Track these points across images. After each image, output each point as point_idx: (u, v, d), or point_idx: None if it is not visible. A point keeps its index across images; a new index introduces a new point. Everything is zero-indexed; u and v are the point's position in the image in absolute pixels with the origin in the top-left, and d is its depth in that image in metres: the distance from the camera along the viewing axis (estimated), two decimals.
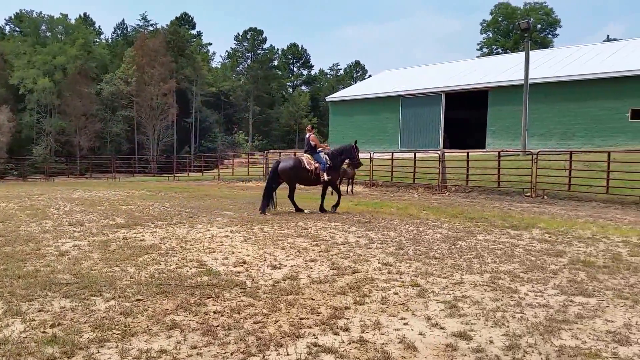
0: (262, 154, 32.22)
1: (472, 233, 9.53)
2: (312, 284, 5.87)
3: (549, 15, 68.89)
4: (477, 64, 38.92)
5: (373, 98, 36.82)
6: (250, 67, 77.73)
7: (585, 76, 27.37)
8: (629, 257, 7.42)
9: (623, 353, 3.89)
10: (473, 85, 31.69)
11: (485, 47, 71.97)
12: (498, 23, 70.48)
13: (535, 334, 4.28)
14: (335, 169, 13.21)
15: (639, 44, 31.15)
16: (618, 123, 26.03)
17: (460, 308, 4.99)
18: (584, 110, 27.13)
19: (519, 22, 23.98)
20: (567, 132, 27.64)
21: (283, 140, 76.34)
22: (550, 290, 5.65)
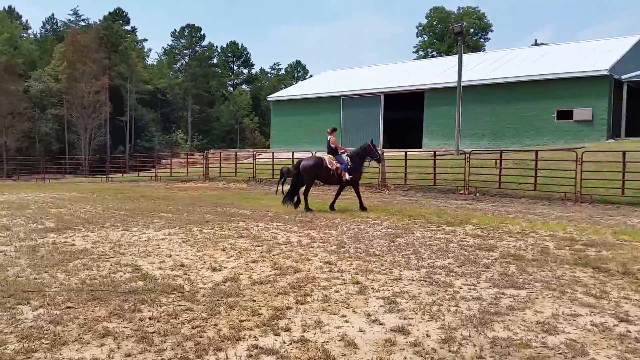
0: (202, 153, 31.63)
1: (410, 230, 9.78)
2: (254, 285, 5.83)
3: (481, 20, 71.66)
4: (414, 66, 39.95)
5: (315, 98, 37.01)
6: (188, 65, 76.16)
7: (514, 79, 28.67)
8: (556, 250, 7.85)
9: (551, 342, 4.11)
10: (410, 87, 32.49)
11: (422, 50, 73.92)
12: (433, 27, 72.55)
13: (469, 327, 4.45)
14: (356, 170, 13.67)
15: (564, 49, 32.93)
16: (545, 123, 27.45)
17: (399, 303, 5.11)
18: (514, 111, 28.43)
19: (453, 26, 24.80)
20: (498, 132, 28.86)
21: (224, 139, 75.28)
22: (483, 283, 5.90)
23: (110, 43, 63.79)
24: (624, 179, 15.47)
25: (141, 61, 74.64)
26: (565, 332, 4.32)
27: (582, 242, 8.49)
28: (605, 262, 6.92)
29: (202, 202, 15.68)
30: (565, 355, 3.85)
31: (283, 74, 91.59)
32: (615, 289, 5.64)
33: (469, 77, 29.34)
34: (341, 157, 13.55)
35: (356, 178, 13.81)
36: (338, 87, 37.29)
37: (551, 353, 3.89)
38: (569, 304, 5.11)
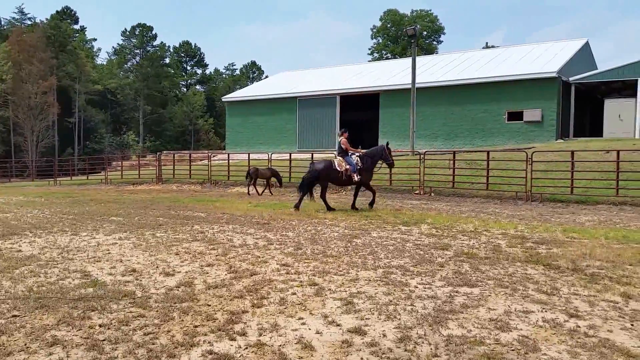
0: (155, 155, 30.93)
1: (366, 230, 9.83)
2: (208, 289, 5.71)
3: (434, 23, 73.07)
4: (369, 68, 40.32)
5: (271, 99, 36.81)
6: (140, 65, 74.35)
7: (467, 81, 29.37)
8: (508, 248, 8.04)
9: (504, 339, 4.18)
10: (366, 88, 32.78)
11: (376, 52, 74.73)
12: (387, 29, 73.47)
13: (424, 325, 4.49)
14: (367, 171, 13.86)
15: (514, 51, 33.95)
16: (496, 124, 28.24)
17: (356, 304, 5.11)
18: (466, 112, 29.11)
19: (406, 29, 25.21)
20: (451, 133, 29.49)
21: (177, 141, 73.84)
22: (438, 282, 5.97)
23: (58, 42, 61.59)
24: (572, 178, 16.06)
25: (90, 61, 72.42)
26: (518, 329, 4.40)
27: (533, 240, 8.73)
28: (556, 259, 7.12)
29: (155, 205, 15.31)
30: (518, 351, 3.92)
31: (238, 75, 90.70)
32: (565, 285, 5.81)
33: (422, 79, 29.86)
34: (350, 158, 13.79)
35: (366, 179, 14.02)
36: (294, 88, 37.25)
37: (504, 350, 3.95)
38: (521, 300, 5.23)
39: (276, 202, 15.95)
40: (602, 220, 11.80)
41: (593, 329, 4.40)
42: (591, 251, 7.60)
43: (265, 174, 20.45)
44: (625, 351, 3.90)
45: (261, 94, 38.01)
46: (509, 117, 27.94)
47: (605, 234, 9.29)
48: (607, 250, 7.71)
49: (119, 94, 71.55)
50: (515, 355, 3.84)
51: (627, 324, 4.53)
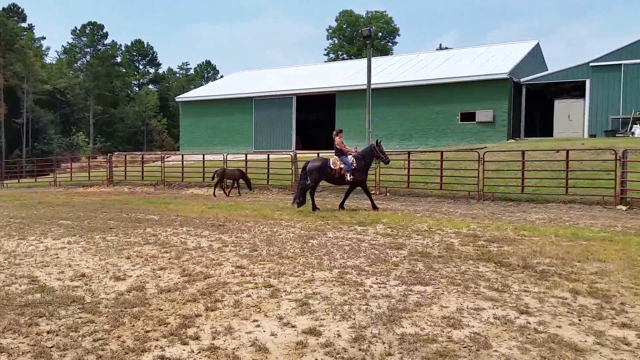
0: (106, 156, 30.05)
1: (323, 231, 9.82)
2: (161, 293, 5.56)
3: (389, 24, 73.92)
4: (325, 68, 40.44)
5: (226, 99, 36.34)
6: (90, 64, 72.11)
7: (421, 82, 29.83)
8: (460, 246, 8.18)
9: (456, 336, 4.24)
10: (322, 89, 32.84)
11: (332, 53, 75.02)
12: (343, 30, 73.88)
13: (379, 324, 4.50)
14: (362, 171, 13.96)
15: (467, 53, 34.74)
16: (449, 125, 28.80)
17: (311, 305, 5.08)
18: (421, 113, 29.57)
19: (361, 30, 25.33)
20: (406, 134, 29.90)
21: (129, 142, 71.94)
22: (392, 281, 6.01)
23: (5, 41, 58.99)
24: (523, 177, 16.53)
25: (39, 60, 69.68)
26: (470, 326, 4.47)
27: (485, 238, 8.92)
28: (507, 256, 7.29)
29: (106, 208, 14.85)
30: (470, 348, 3.98)
31: (192, 74, 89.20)
32: (516, 282, 5.94)
33: (378, 79, 30.14)
34: (346, 158, 13.91)
35: (361, 179, 14.09)
36: (250, 88, 36.93)
37: (456, 347, 4.00)
38: (473, 298, 5.32)
39: (232, 204, 15.75)
40: (552, 218, 12.19)
41: (543, 324, 4.51)
42: (541, 249, 7.82)
43: (233, 174, 20.19)
44: (573, 346, 4.01)
45: (216, 94, 37.49)
46: (462, 117, 28.55)
47: (555, 231, 9.58)
48: (556, 247, 7.95)
49: (69, 93, 69.18)
50: (467, 352, 3.90)
51: (575, 319, 4.67)
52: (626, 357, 3.81)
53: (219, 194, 19.61)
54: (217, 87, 41.94)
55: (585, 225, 10.76)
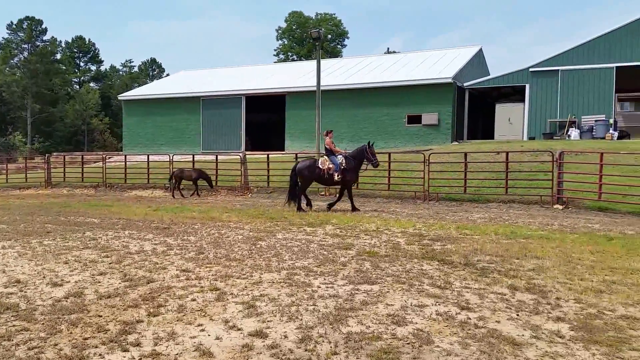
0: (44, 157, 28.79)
1: (272, 232, 9.77)
2: (100, 299, 5.37)
3: (338, 27, 74.49)
4: (275, 69, 40.29)
5: (172, 98, 35.53)
6: (28, 60, 68.83)
7: (369, 84, 30.24)
8: (406, 245, 8.34)
9: (400, 333, 4.32)
10: (271, 90, 32.72)
11: (282, 53, 74.91)
12: (292, 31, 73.89)
13: (325, 324, 4.52)
14: (351, 171, 13.96)
15: (414, 57, 35.48)
16: (397, 127, 29.33)
17: (258, 307, 5.04)
18: (370, 115, 29.98)
19: (311, 31, 25.41)
20: (356, 135, 30.20)
21: (69, 142, 69.11)
22: (340, 281, 6.05)
23: None
24: (465, 178, 17.03)
25: None
26: (413, 323, 4.56)
27: (430, 237, 9.13)
28: (450, 255, 7.49)
29: (43, 211, 14.22)
30: (413, 344, 4.06)
31: (136, 72, 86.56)
32: (458, 279, 6.11)
33: (328, 81, 30.31)
34: (335, 158, 13.96)
35: (349, 179, 14.11)
36: (197, 87, 36.28)
37: (400, 344, 4.07)
38: (417, 295, 5.43)
39: (178, 206, 15.42)
40: (493, 218, 12.62)
41: (482, 320, 4.65)
42: (482, 246, 8.07)
43: (191, 175, 19.76)
44: (511, 340, 4.16)
45: (162, 93, 36.62)
46: (409, 120, 29.14)
47: (495, 230, 9.92)
48: (496, 245, 8.23)
49: (5, 91, 65.78)
50: (410, 349, 3.97)
51: (514, 314, 4.84)
52: (560, 350, 3.98)
53: (179, 196, 19.18)
54: (163, 85, 41.00)
55: (523, 224, 11.19)
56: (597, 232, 9.96)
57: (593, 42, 26.70)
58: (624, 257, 7.27)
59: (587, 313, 4.84)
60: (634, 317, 4.72)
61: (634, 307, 5.02)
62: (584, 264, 6.83)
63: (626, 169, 15.08)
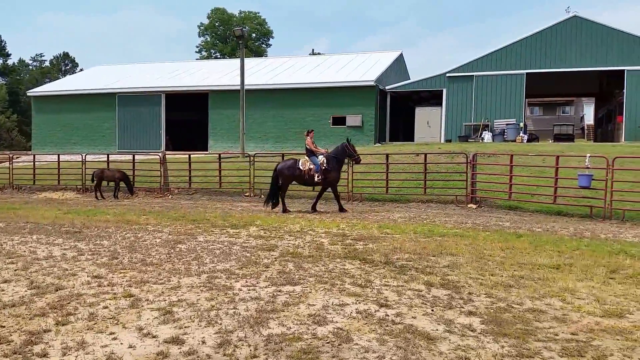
0: None
1: (193, 235, 9.52)
2: (4, 308, 5.01)
3: (263, 26, 74.02)
4: (197, 66, 39.41)
5: (86, 94, 33.78)
6: None
7: (295, 85, 30.32)
8: (330, 246, 8.40)
9: (321, 333, 4.34)
10: (194, 87, 31.98)
11: (205, 50, 73.38)
12: (215, 28, 72.56)
13: (246, 327, 4.46)
14: (333, 171, 13.81)
15: (338, 59, 35.96)
16: (322, 128, 29.57)
17: (175, 313, 4.89)
18: (295, 116, 30.04)
19: (234, 29, 25.14)
20: (282, 136, 30.19)
21: None
22: (262, 283, 5.99)
23: None
24: (387, 179, 17.47)
25: None
26: (334, 322, 4.61)
27: (352, 236, 9.26)
28: (371, 254, 7.64)
29: None
30: (333, 343, 4.10)
31: (48, 67, 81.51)
32: (378, 277, 6.24)
33: (252, 81, 30.09)
34: (315, 158, 13.85)
35: (331, 179, 13.91)
36: (114, 83, 34.72)
37: (320, 343, 4.10)
38: (338, 294, 5.49)
39: (91, 208, 14.67)
40: (412, 217, 13.03)
41: (400, 316, 4.78)
42: (401, 245, 8.30)
43: (113, 175, 18.81)
44: (425, 335, 4.30)
45: (75, 89, 34.72)
46: (334, 121, 29.52)
47: (414, 229, 10.25)
48: (415, 243, 8.50)
49: None
50: (330, 348, 4.01)
51: (429, 309, 5.01)
52: (471, 343, 4.16)
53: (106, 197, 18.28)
54: (77, 81, 38.87)
55: (440, 223, 11.65)
56: (507, 230, 10.55)
57: (505, 50, 28.31)
58: (531, 253, 7.72)
59: (497, 307, 5.09)
60: (540, 309, 5.03)
61: (540, 300, 5.35)
62: (494, 260, 7.20)
63: (534, 170, 16.09)
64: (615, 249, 8.15)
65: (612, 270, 6.63)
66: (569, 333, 4.38)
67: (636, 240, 9.52)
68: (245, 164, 20.13)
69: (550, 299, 5.39)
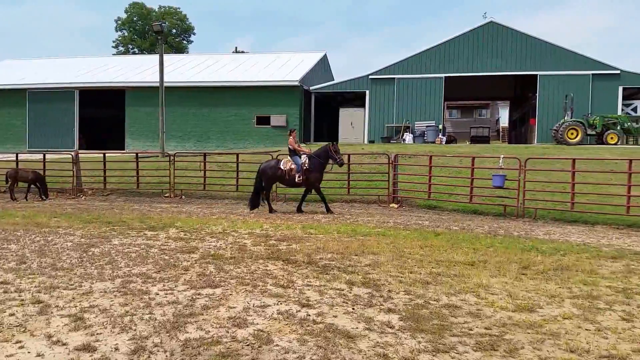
0: None
1: (107, 238, 9.08)
2: None
3: (184, 22, 72.03)
4: (114, 62, 37.79)
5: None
6: None
7: (218, 83, 29.81)
8: (252, 247, 8.30)
9: (240, 335, 4.27)
10: (110, 84, 30.63)
11: (122, 46, 70.41)
12: (134, 22, 69.88)
13: (162, 333, 4.31)
14: (314, 172, 13.47)
15: (262, 58, 35.78)
16: (246, 128, 29.34)
17: (87, 319, 4.66)
18: (218, 115, 29.55)
19: (153, 24, 24.29)
20: (204, 135, 29.59)
21: None
22: (181, 286, 5.82)
23: None
24: None
25: None
26: (254, 324, 4.55)
27: (276, 237, 9.21)
28: (294, 254, 7.62)
29: None
30: (253, 345, 4.05)
31: None
32: (300, 277, 6.24)
33: (173, 78, 29.26)
34: (297, 158, 13.54)
35: (313, 180, 13.59)
36: (22, 78, 32.57)
37: (240, 346, 4.04)
38: (260, 296, 5.43)
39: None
40: (336, 217, 13.16)
41: (321, 315, 4.80)
42: (325, 245, 8.35)
43: (28, 176, 17.50)
44: (345, 333, 4.34)
45: None
46: (258, 121, 29.34)
47: (337, 229, 10.34)
48: (338, 243, 8.58)
49: None
50: (250, 350, 3.96)
51: (350, 308, 5.07)
52: (390, 340, 4.25)
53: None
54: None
55: (363, 222, 11.86)
56: (427, 229, 10.91)
57: (425, 53, 29.36)
58: (448, 251, 8.03)
59: (415, 303, 5.24)
60: (456, 305, 5.23)
61: (456, 296, 5.56)
62: (414, 258, 7.42)
63: (452, 171, 16.78)
64: (527, 246, 8.62)
65: (524, 266, 7.01)
66: (483, 328, 4.59)
67: (547, 238, 10.13)
68: (165, 164, 19.50)
69: (466, 294, 5.61)
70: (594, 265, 7.19)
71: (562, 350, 4.10)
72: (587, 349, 4.10)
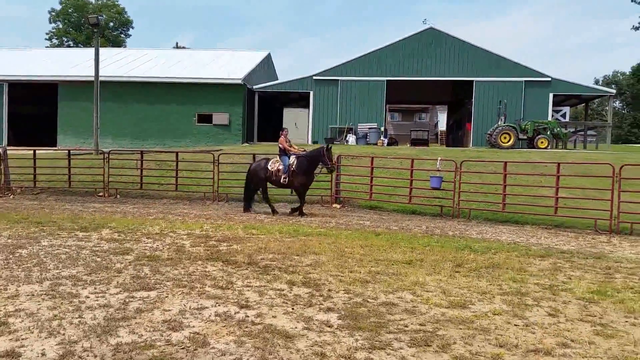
0: None
1: (36, 239, 8.62)
2: None
3: (122, 15, 69.71)
4: (46, 54, 36.07)
5: None
6: None
7: (156, 79, 28.98)
8: (191, 247, 8.12)
9: (175, 338, 4.15)
10: (41, 77, 29.18)
11: (56, 38, 67.28)
12: (69, 14, 66.96)
13: (92, 337, 4.14)
14: (301, 174, 13.02)
15: (205, 55, 35.10)
16: (187, 126, 28.69)
17: (12, 324, 4.43)
18: (156, 111, 28.73)
19: (89, 17, 23.30)
20: (142, 133, 28.67)
21: None
22: (113, 289, 5.60)
23: None
24: None
25: None
26: (190, 327, 4.45)
27: (217, 238, 9.04)
28: (235, 255, 7.51)
29: None
30: (188, 348, 3.96)
31: None
32: (240, 278, 6.16)
33: (109, 72, 28.24)
34: (285, 158, 13.24)
35: (300, 182, 13.17)
36: None
37: (174, 349, 3.93)
38: (197, 298, 5.31)
39: None
40: (279, 217, 13.10)
41: (260, 316, 4.75)
42: (266, 245, 8.29)
43: None
44: (284, 333, 4.32)
45: None
46: (199, 119, 28.78)
47: (279, 229, 10.29)
48: (280, 243, 8.54)
49: None
50: (185, 353, 3.86)
51: (289, 308, 5.05)
52: (328, 338, 4.26)
53: None
54: None
55: (305, 223, 11.86)
56: (367, 229, 11.05)
57: (368, 56, 29.75)
58: (387, 250, 8.17)
59: (354, 302, 5.29)
60: (392, 303, 5.32)
61: (393, 294, 5.65)
62: (354, 258, 7.49)
63: (393, 172, 17.08)
64: (461, 245, 8.91)
65: (457, 264, 7.24)
66: (418, 324, 4.68)
67: (480, 237, 10.50)
68: (99, 162, 18.74)
69: (402, 292, 5.72)
70: (523, 263, 7.51)
71: (492, 345, 4.25)
72: (516, 344, 4.27)
